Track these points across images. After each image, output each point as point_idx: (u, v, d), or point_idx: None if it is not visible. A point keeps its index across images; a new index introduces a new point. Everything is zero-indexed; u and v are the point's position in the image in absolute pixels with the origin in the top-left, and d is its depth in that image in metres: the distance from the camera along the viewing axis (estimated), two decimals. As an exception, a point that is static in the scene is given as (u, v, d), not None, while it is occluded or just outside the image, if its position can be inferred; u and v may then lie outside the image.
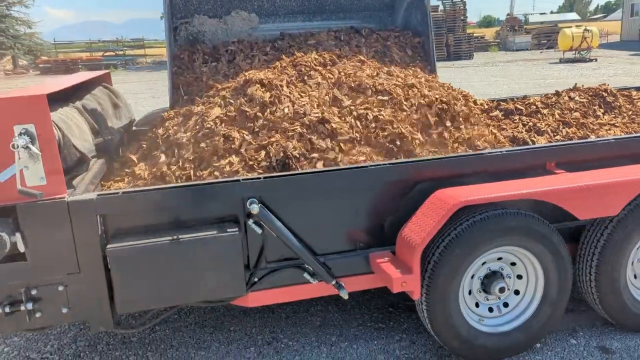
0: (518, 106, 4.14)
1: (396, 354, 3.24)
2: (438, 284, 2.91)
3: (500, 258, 3.09)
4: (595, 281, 3.14)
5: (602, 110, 4.15)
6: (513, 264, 3.12)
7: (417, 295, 2.90)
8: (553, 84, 15.28)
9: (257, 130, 3.35)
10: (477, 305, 3.13)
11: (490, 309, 3.15)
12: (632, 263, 3.24)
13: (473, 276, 3.08)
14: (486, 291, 3.10)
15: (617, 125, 3.99)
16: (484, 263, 3.07)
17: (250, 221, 2.91)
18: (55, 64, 31.56)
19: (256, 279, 3.02)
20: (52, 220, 2.64)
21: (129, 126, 4.33)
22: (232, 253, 2.84)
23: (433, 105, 3.58)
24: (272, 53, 4.23)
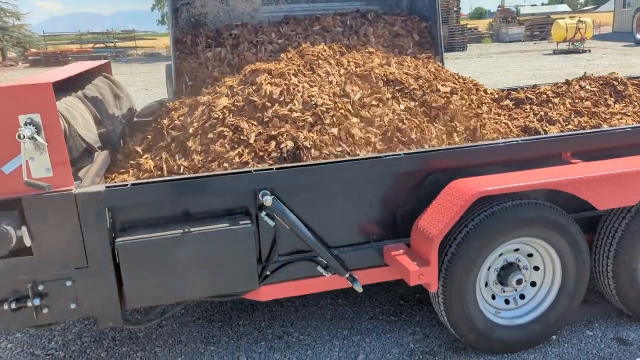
0: (529, 95, 4.07)
1: (410, 348, 3.18)
2: (455, 276, 2.85)
3: (517, 249, 3.04)
4: (612, 272, 3.09)
5: (613, 99, 4.10)
6: (530, 255, 3.07)
7: (435, 287, 2.83)
8: (548, 75, 15.27)
9: (267, 120, 3.27)
10: (494, 297, 3.08)
11: (506, 301, 3.10)
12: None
13: (490, 268, 3.02)
14: (503, 283, 3.04)
15: (629, 114, 3.93)
16: (501, 254, 3.02)
17: (262, 213, 2.83)
18: (44, 56, 31.16)
19: (268, 273, 2.95)
20: (59, 213, 2.55)
21: (131, 117, 4.23)
22: (245, 246, 2.77)
23: (445, 98, 3.51)
24: (277, 43, 4.13)
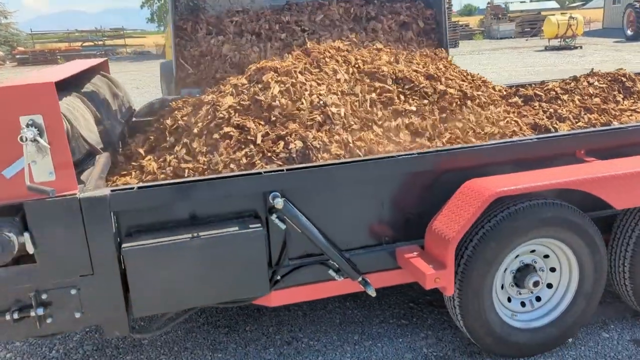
0: (537, 92, 4.00)
1: (424, 352, 3.10)
2: (472, 279, 2.77)
3: (533, 250, 2.97)
4: (629, 272, 3.03)
5: (622, 95, 4.04)
6: (546, 257, 3.00)
7: (451, 291, 2.75)
8: (542, 72, 15.28)
9: (274, 119, 3.17)
10: (509, 300, 3.01)
11: (522, 304, 3.03)
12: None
13: (506, 270, 2.95)
14: (519, 285, 2.97)
15: (639, 110, 3.88)
16: (517, 256, 2.94)
17: (273, 216, 2.74)
18: (32, 55, 30.82)
19: (279, 277, 2.86)
20: (64, 218, 2.44)
21: (130, 117, 4.12)
22: (256, 250, 2.67)
23: (456, 97, 3.43)
24: (281, 39, 4.02)
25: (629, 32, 25.37)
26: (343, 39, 3.86)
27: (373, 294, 2.93)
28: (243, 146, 3.09)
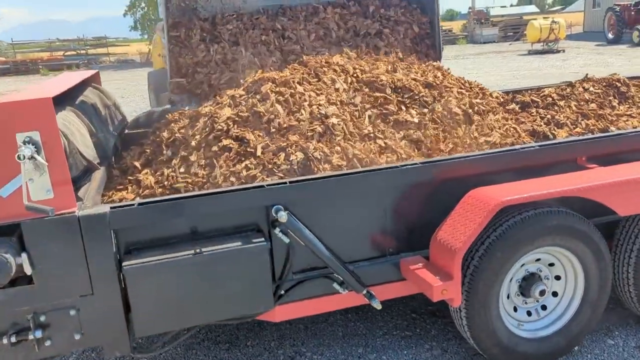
0: (534, 98, 4.00)
1: (430, 364, 3.07)
2: (479, 290, 2.74)
3: (538, 259, 2.95)
4: (633, 279, 3.02)
5: (617, 100, 4.05)
6: (551, 265, 2.98)
7: (458, 302, 2.72)
8: (527, 75, 15.40)
9: (273, 131, 3.12)
10: (515, 309, 2.98)
11: (528, 313, 3.00)
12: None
13: (512, 279, 2.92)
14: (524, 294, 2.95)
15: (634, 115, 3.89)
16: (523, 265, 2.92)
17: (276, 230, 2.69)
18: (14, 65, 30.43)
19: (282, 292, 2.81)
20: (62, 237, 2.37)
21: (122, 129, 4.04)
22: (261, 265, 2.62)
23: (458, 107, 3.41)
24: (279, 50, 3.97)
25: (610, 36, 25.72)
26: (342, 55, 3.82)
27: (378, 307, 2.88)
28: (243, 158, 3.04)
